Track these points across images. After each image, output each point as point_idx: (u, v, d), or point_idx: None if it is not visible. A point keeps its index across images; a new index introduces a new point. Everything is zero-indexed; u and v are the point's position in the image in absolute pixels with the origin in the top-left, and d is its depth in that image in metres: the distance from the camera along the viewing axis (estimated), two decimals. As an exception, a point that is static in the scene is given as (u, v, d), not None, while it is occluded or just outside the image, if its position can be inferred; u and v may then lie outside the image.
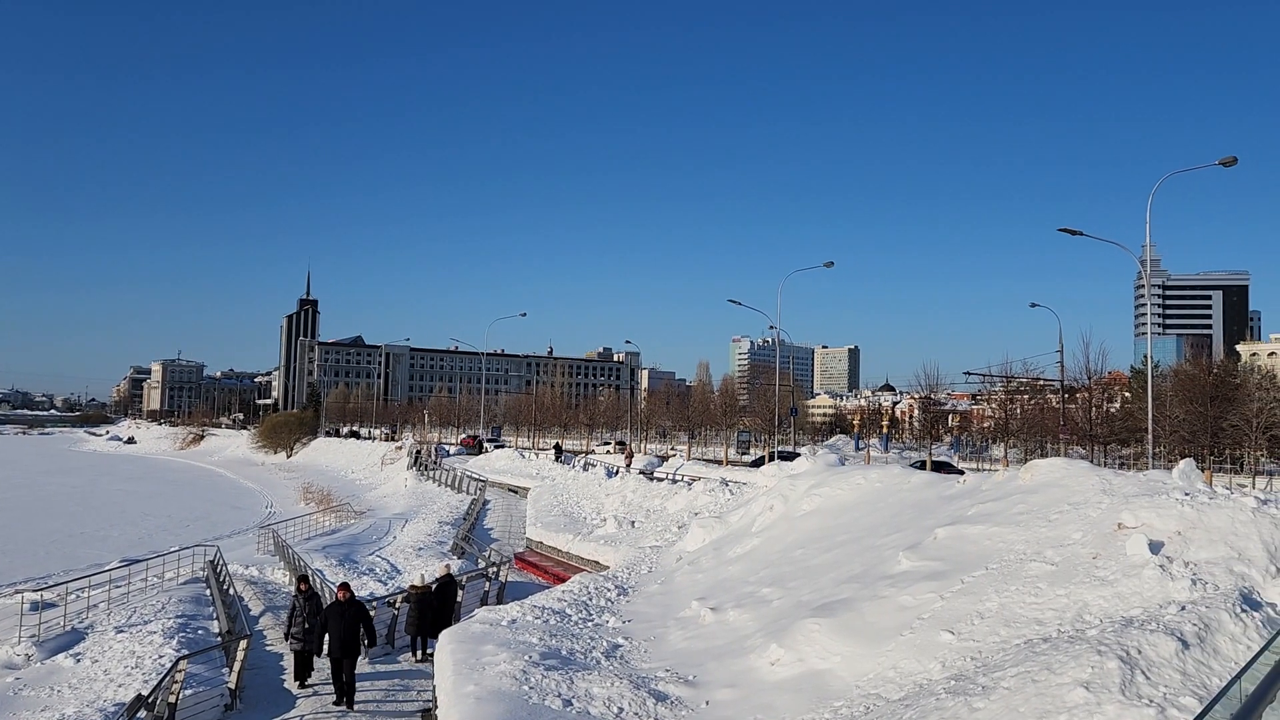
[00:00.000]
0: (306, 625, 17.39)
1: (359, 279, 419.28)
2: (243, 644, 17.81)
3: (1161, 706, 7.78)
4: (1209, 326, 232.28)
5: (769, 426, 75.60)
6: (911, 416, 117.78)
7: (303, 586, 18.29)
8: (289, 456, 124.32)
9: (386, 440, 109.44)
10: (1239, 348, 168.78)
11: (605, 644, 16.12)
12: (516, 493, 55.62)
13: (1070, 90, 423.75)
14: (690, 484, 40.28)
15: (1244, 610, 9.79)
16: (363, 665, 20.18)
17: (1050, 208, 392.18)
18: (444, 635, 16.49)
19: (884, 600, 13.82)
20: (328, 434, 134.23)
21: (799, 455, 39.82)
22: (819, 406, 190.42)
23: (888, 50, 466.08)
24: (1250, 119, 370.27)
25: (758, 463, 68.34)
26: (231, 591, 27.20)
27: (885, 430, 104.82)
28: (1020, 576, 13.08)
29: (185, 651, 19.37)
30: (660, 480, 44.40)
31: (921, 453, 70.40)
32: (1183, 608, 10.10)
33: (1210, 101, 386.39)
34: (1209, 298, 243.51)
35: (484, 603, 24.62)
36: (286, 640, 18.35)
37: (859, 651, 12.49)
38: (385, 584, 31.14)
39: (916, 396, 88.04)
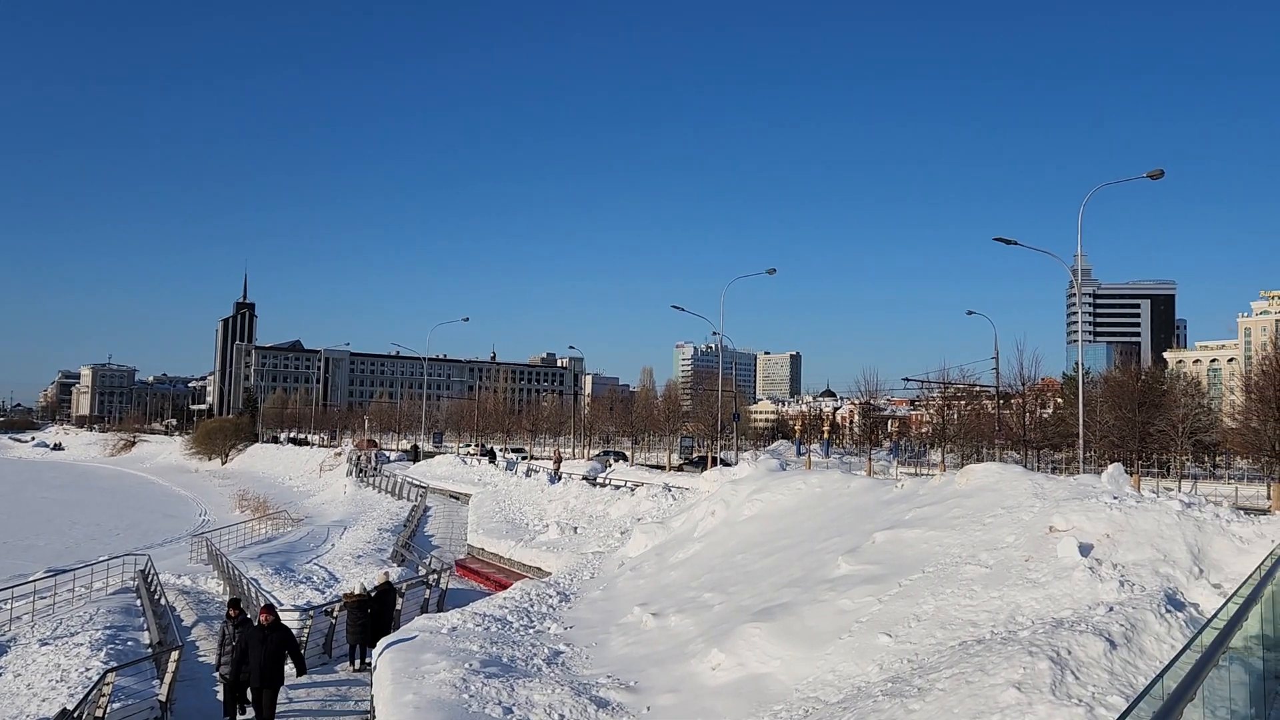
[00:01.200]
0: (236, 654, 15.88)
1: (298, 282, 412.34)
2: (174, 655, 17.35)
3: (1090, 706, 7.98)
4: (1137, 334, 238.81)
5: (712, 432, 75.97)
6: (852, 422, 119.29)
7: (233, 612, 16.60)
8: (224, 463, 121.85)
9: (325, 446, 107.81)
10: (1166, 355, 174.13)
11: (547, 651, 16.05)
12: (458, 499, 55.14)
13: (1006, 102, 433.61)
14: (633, 489, 40.31)
15: (1168, 610, 10.08)
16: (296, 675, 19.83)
17: (986, 217, 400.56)
18: (382, 644, 16.27)
19: (823, 604, 13.96)
20: (276, 441, 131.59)
21: (731, 464, 40.18)
22: (761, 412, 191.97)
23: (827, 57, 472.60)
24: (1177, 133, 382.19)
25: (699, 462, 69.55)
26: (163, 602, 26.54)
27: (826, 436, 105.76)
28: (956, 579, 13.31)
29: (114, 664, 18.80)
30: (603, 486, 44.36)
31: (862, 458, 71.31)
32: (1111, 609, 10.37)
33: (1140, 115, 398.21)
34: (1137, 306, 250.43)
35: (424, 610, 24.35)
36: (217, 672, 16.89)
37: (799, 655, 12.60)
38: (323, 593, 30.63)
39: (857, 402, 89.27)
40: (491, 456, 70.03)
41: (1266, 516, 14.11)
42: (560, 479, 48.86)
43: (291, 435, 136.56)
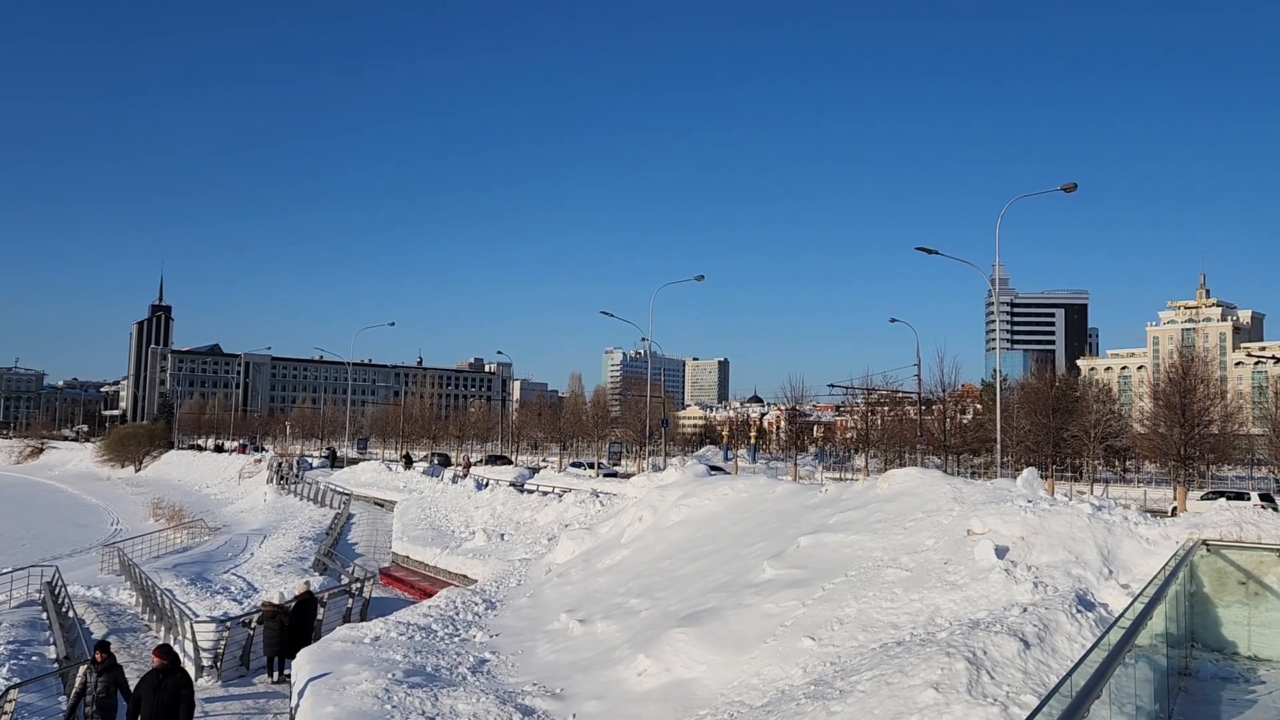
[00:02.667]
0: (95, 710, 13.65)
1: (217, 285, 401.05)
2: (82, 670, 16.75)
3: (1005, 705, 8.18)
4: (1052, 342, 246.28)
5: (641, 438, 76.16)
6: (778, 427, 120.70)
7: (100, 656, 14.14)
8: (138, 470, 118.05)
9: (242, 452, 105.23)
10: (1079, 363, 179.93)
11: (472, 659, 15.89)
12: (383, 506, 54.28)
13: (928, 113, 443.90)
14: (561, 496, 40.15)
15: (1079, 611, 10.39)
16: (215, 688, 19.30)
17: (909, 226, 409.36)
18: (302, 655, 15.93)
19: (749, 608, 14.08)
20: (198, 449, 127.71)
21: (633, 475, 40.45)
22: (689, 418, 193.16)
23: (750, 62, 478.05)
24: (1091, 147, 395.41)
25: (615, 466, 70.51)
26: (71, 615, 25.58)
27: (753, 441, 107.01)
28: (877, 582, 13.54)
29: (16, 680, 18.09)
30: (531, 492, 44.10)
31: (788, 463, 72.17)
32: (1025, 609, 10.65)
33: (1055, 130, 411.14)
34: (1052, 315, 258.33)
35: (346, 620, 23.89)
36: None
37: (724, 660, 12.68)
38: (241, 603, 29.84)
39: (783, 408, 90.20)
40: (408, 462, 70.01)
41: (1172, 519, 14.64)
42: (465, 480, 48.61)
43: (217, 442, 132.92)
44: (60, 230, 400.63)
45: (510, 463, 75.72)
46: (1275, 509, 26.97)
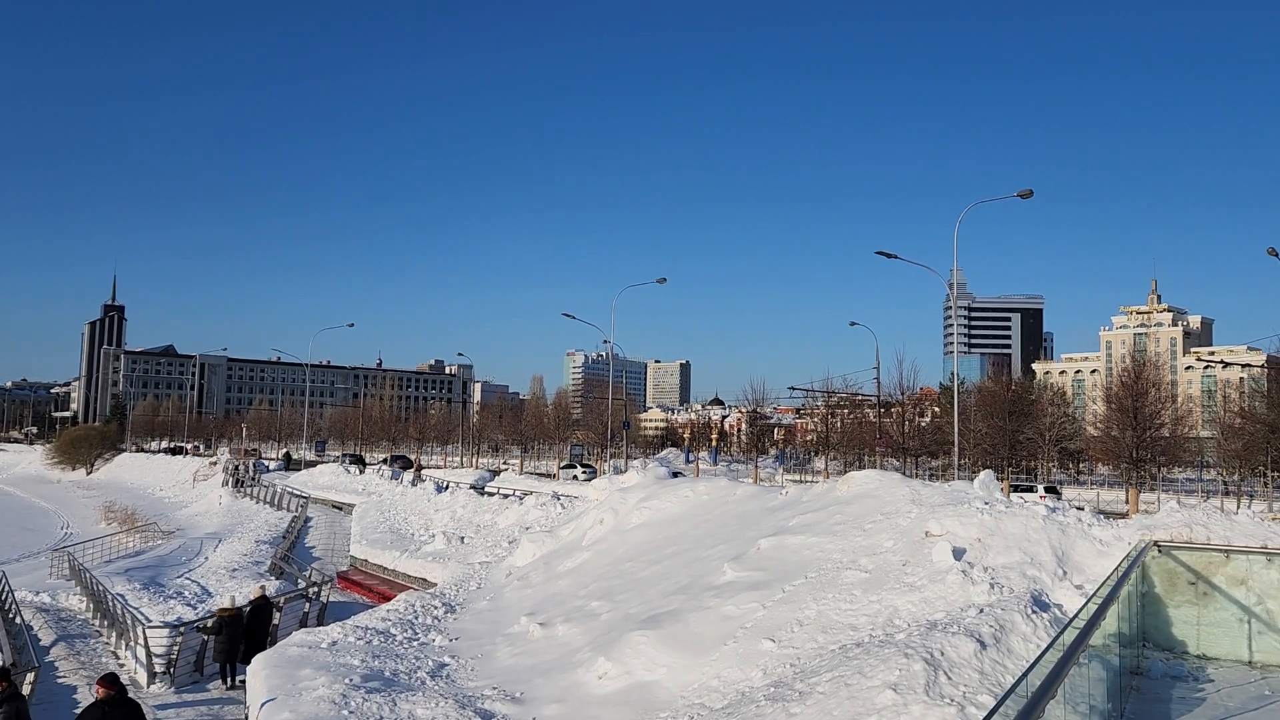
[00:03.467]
0: None
1: (171, 285, 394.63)
2: (30, 676, 16.40)
3: (961, 705, 8.26)
4: (1009, 346, 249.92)
5: (602, 440, 76.12)
6: (740, 430, 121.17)
7: (2, 685, 12.35)
8: (89, 473, 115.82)
9: (197, 454, 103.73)
10: (1035, 366, 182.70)
11: (431, 663, 15.75)
12: (341, 509, 53.75)
13: (890, 119, 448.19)
14: (522, 498, 40.01)
15: (1035, 611, 10.53)
16: (168, 695, 18.99)
17: (869, 230, 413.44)
18: (257, 660, 15.70)
19: (709, 610, 14.10)
20: (160, 451, 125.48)
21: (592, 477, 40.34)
22: (651, 420, 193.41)
23: (711, 65, 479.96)
24: (1047, 152, 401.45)
25: (570, 467, 70.60)
26: (18, 620, 25.00)
27: (715, 443, 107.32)
28: (837, 584, 13.63)
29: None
30: (491, 495, 43.89)
31: (749, 465, 72.46)
32: (981, 610, 10.77)
33: (1011, 136, 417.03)
34: (1009, 320, 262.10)
35: (303, 624, 23.61)
36: None
37: (685, 662, 12.68)
38: (195, 608, 29.38)
39: (745, 410, 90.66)
40: (361, 465, 69.86)
41: (1124, 520, 14.89)
42: (424, 483, 48.33)
43: (174, 445, 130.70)
44: (10, 229, 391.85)
45: (410, 462, 75.90)
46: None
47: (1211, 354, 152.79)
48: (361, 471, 63.14)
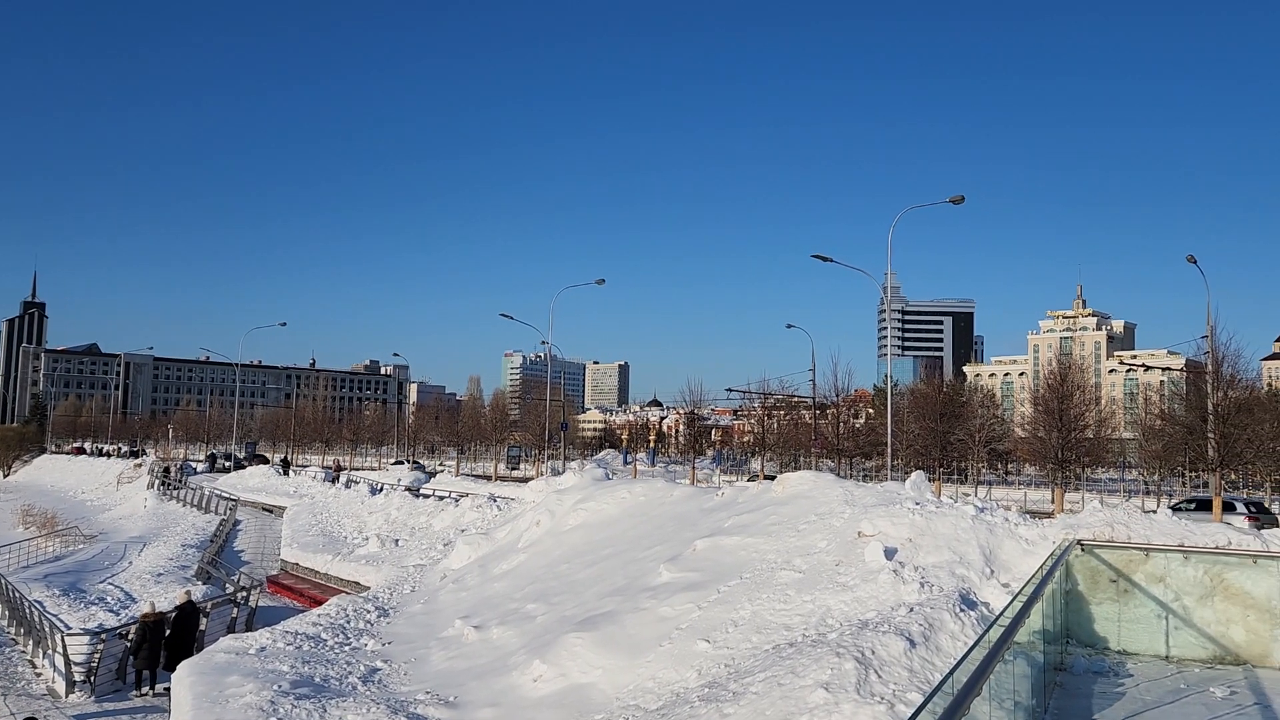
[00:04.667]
0: None
1: (96, 282, 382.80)
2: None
3: (891, 703, 8.39)
4: (941, 349, 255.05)
5: (540, 441, 75.77)
6: (678, 431, 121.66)
7: None
8: (6, 475, 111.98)
9: (125, 456, 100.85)
10: (965, 369, 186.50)
11: (363, 668, 15.53)
12: (272, 512, 52.71)
13: (824, 123, 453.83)
14: (458, 500, 39.63)
15: (963, 609, 10.74)
16: (88, 704, 18.44)
17: (807, 234, 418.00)
18: (182, 667, 15.31)
19: (645, 612, 14.12)
20: (83, 452, 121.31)
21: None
22: (589, 421, 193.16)
23: (649, 67, 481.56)
24: (978, 159, 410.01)
25: (515, 471, 70.27)
26: (-72, 630, 24.05)
27: (653, 445, 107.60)
28: (771, 584, 13.74)
29: None
30: (427, 497, 43.41)
31: (687, 466, 72.78)
32: (911, 609, 10.95)
33: (946, 143, 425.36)
34: (941, 323, 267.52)
35: (231, 630, 23.08)
36: None
37: (620, 664, 12.68)
38: (118, 614, 28.53)
39: (682, 412, 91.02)
40: (285, 467, 69.07)
41: (1050, 520, 15.28)
42: (359, 485, 47.76)
43: (100, 447, 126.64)
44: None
45: (267, 460, 75.51)
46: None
47: (1134, 358, 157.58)
48: (285, 474, 62.20)
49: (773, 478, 25.78)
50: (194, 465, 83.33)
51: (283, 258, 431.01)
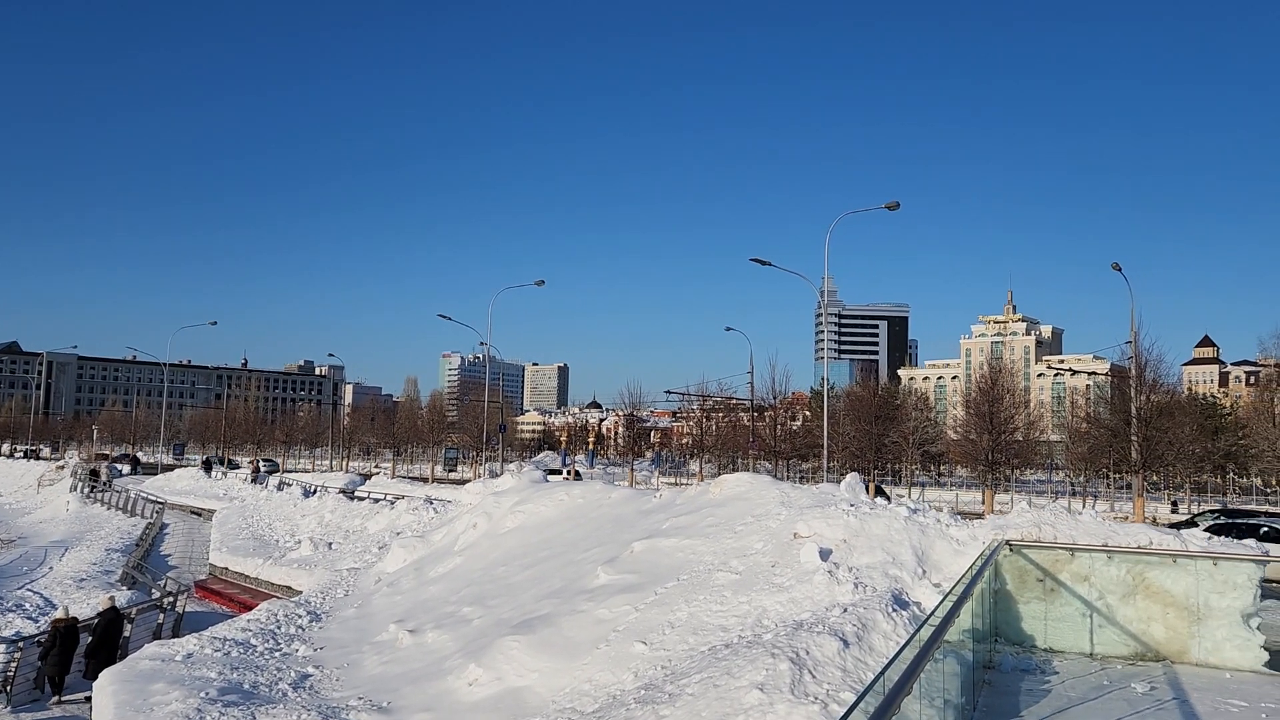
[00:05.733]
0: None
1: (16, 277, 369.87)
2: None
3: (825, 703, 8.47)
4: (876, 353, 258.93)
5: (478, 443, 75.21)
6: (617, 433, 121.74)
7: None
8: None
9: (36, 459, 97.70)
10: (900, 372, 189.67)
11: (294, 674, 15.23)
12: (201, 515, 51.50)
13: (763, 127, 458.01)
14: (393, 502, 39.16)
15: (895, 610, 10.90)
16: (4, 715, 17.80)
17: (746, 237, 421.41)
18: (105, 675, 14.85)
19: (582, 614, 14.07)
20: (31, 455, 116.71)
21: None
22: (528, 423, 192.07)
23: (590, 70, 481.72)
24: (915, 166, 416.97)
25: (453, 473, 69.46)
26: None
27: (591, 446, 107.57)
28: (708, 586, 13.80)
29: None
30: (362, 499, 42.81)
31: (625, 468, 72.82)
32: (845, 609, 11.08)
33: (879, 149, 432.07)
34: (876, 327, 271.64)
35: (157, 637, 22.49)
36: None
37: (557, 667, 12.62)
38: (36, 621, 27.61)
39: (622, 414, 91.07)
40: (208, 468, 68.00)
41: (980, 520, 15.56)
42: (291, 487, 46.99)
43: (32, 448, 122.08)
44: None
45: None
46: None
47: (1061, 362, 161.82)
48: (207, 474, 61.07)
49: (710, 480, 25.96)
50: (119, 467, 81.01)
51: (215, 256, 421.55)
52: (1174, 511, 51.68)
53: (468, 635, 15.59)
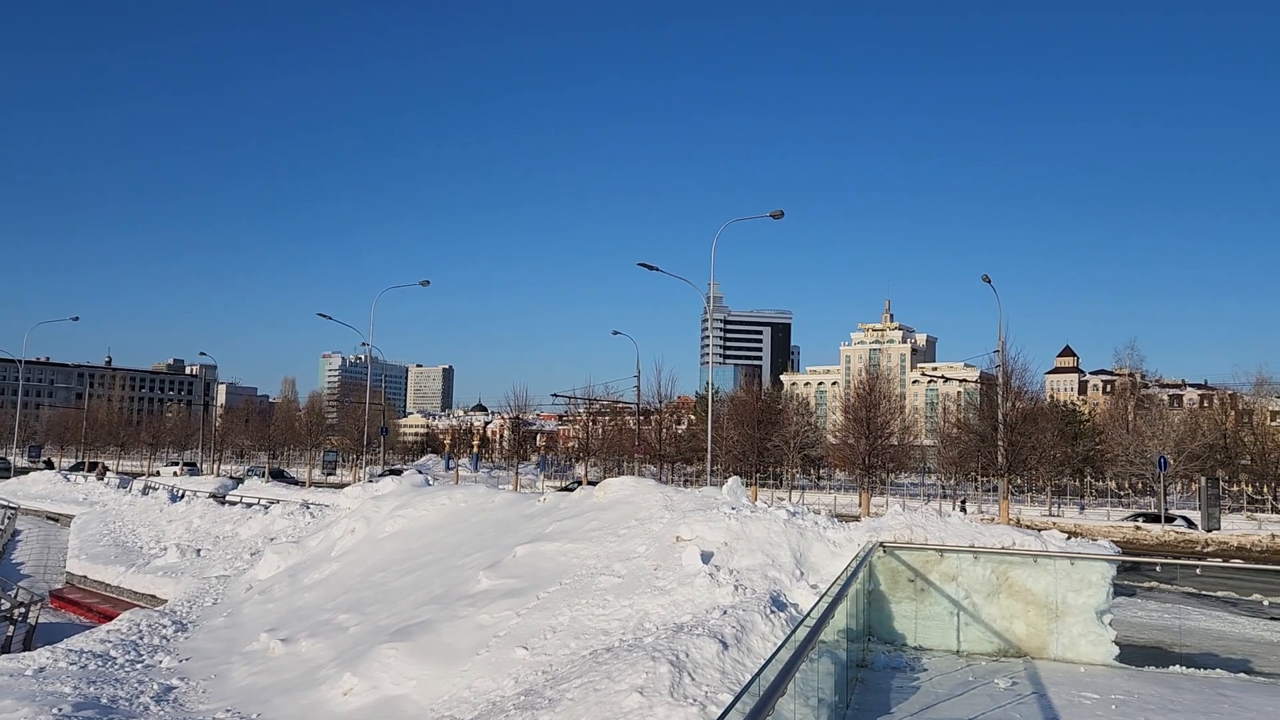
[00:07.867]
0: None
1: None
2: None
3: (703, 704, 8.56)
4: (760, 358, 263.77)
5: (359, 446, 73.41)
6: (502, 436, 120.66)
7: None
8: None
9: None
10: (783, 378, 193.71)
11: (157, 687, 14.55)
12: (58, 521, 48.76)
13: (650, 131, 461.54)
14: (267, 507, 37.85)
15: (773, 611, 11.10)
16: None
17: (634, 241, 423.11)
18: (-55, 694, 13.88)
19: (463, 620, 13.88)
20: None
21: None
22: (411, 426, 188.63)
23: (484, 69, 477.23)
24: (801, 173, 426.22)
25: (331, 477, 67.29)
26: None
27: (476, 450, 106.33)
28: (591, 590, 13.79)
29: None
30: (233, 504, 41.23)
31: (511, 472, 72.22)
32: (725, 611, 11.23)
33: (766, 158, 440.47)
34: (760, 333, 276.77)
35: (6, 650, 21.18)
36: None
37: (435, 674, 12.41)
38: None
39: (507, 417, 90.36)
40: (50, 465, 64.94)
41: (856, 523, 16.01)
42: (158, 491, 45.02)
43: None
44: None
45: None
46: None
47: (934, 369, 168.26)
48: (69, 476, 58.14)
49: (595, 483, 25.97)
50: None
51: (77, 248, 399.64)
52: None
53: (343, 643, 15.19)
